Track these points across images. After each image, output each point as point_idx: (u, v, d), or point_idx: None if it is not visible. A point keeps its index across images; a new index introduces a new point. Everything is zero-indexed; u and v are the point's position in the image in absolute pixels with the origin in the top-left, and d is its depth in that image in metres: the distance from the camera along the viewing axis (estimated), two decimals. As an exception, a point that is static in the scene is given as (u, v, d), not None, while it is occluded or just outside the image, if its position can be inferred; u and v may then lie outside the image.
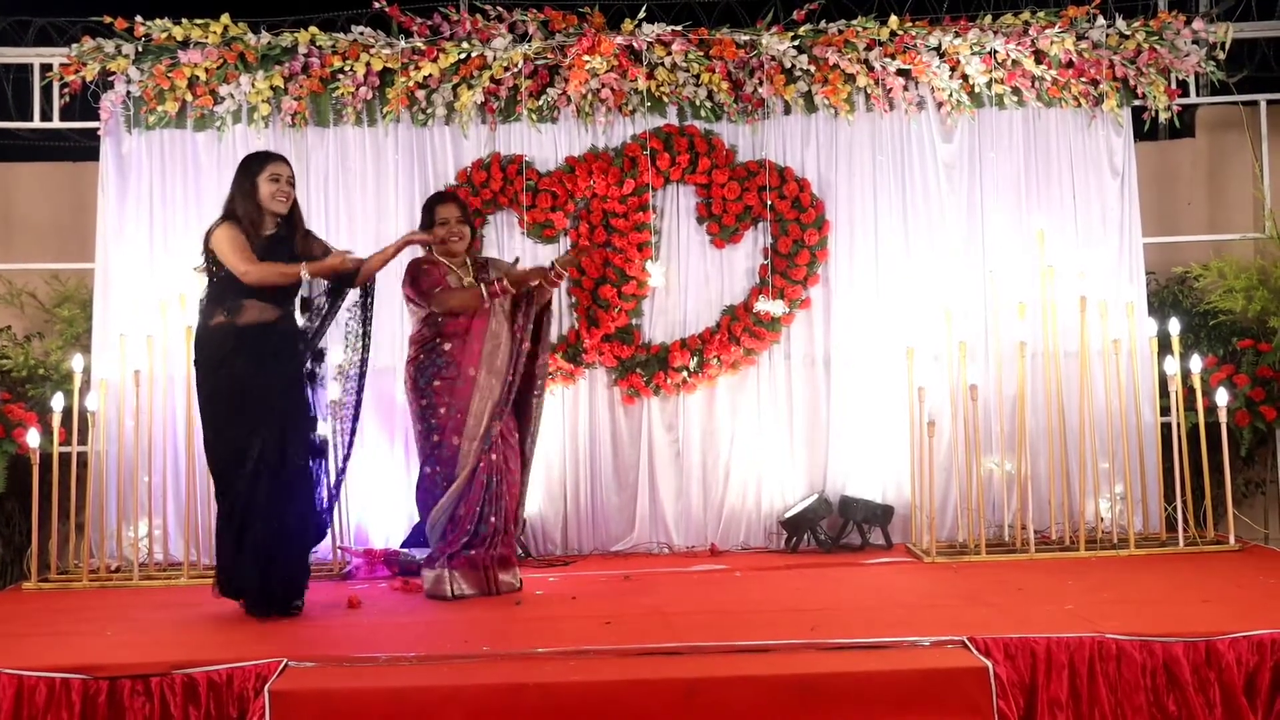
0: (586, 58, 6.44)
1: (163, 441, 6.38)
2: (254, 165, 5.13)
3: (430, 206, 5.70)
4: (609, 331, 6.58)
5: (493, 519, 5.44)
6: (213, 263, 5.06)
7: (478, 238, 6.07)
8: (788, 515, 6.51)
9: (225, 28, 6.53)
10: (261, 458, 4.97)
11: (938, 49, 6.62)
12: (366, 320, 5.43)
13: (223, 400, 5.02)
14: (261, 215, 5.08)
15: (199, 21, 6.53)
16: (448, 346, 5.48)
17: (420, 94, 6.58)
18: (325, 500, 5.36)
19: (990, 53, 6.62)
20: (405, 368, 5.61)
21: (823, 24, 6.66)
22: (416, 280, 5.51)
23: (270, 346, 5.05)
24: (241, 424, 4.99)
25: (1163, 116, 6.78)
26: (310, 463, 5.19)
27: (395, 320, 6.46)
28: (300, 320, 5.17)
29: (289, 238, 5.15)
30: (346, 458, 5.46)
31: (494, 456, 5.45)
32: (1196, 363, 6.33)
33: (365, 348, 5.45)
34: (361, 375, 5.45)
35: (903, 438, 6.41)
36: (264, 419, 4.99)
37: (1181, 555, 6.03)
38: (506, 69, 6.54)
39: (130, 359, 6.29)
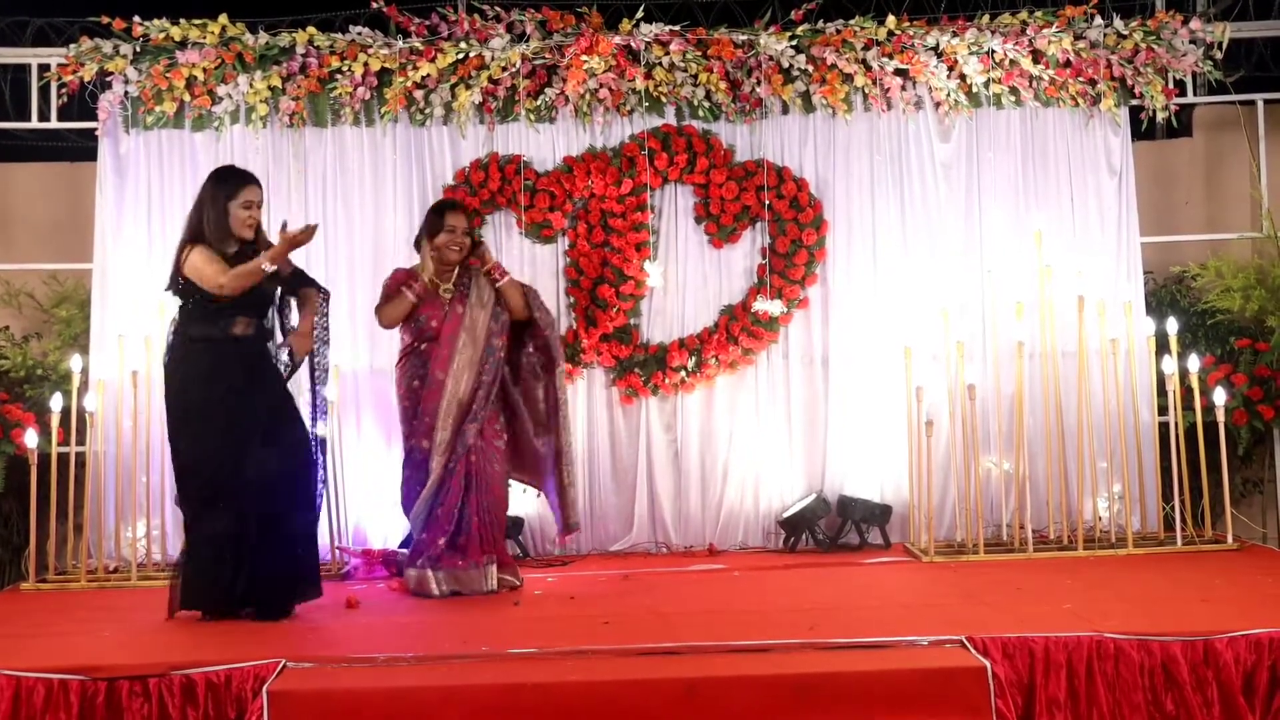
0: (584, 58, 6.44)
1: (160, 442, 6.30)
2: (229, 186, 5.07)
3: (441, 210, 5.72)
4: (607, 331, 6.58)
5: (475, 519, 5.45)
6: (186, 285, 5.02)
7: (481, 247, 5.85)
8: (786, 515, 6.51)
9: (223, 28, 6.53)
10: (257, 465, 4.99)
11: (935, 49, 6.63)
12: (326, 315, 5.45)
13: (209, 416, 5.01)
14: (228, 237, 5.04)
15: (197, 22, 6.53)
16: (424, 347, 5.57)
17: (418, 94, 6.58)
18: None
19: (988, 52, 6.62)
20: (395, 370, 5.73)
21: (820, 24, 6.66)
22: (385, 285, 5.67)
23: (258, 359, 5.10)
24: (230, 437, 4.99)
25: (1160, 116, 6.78)
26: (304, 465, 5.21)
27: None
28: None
29: (250, 257, 5.07)
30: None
31: (473, 459, 5.48)
32: (1194, 362, 6.33)
33: (325, 342, 5.44)
34: (315, 374, 5.42)
35: (901, 437, 6.41)
36: (253, 431, 5.01)
37: (1179, 554, 6.04)
38: (504, 69, 6.54)
39: (128, 359, 6.30)
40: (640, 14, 6.58)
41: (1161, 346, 6.35)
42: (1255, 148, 6.97)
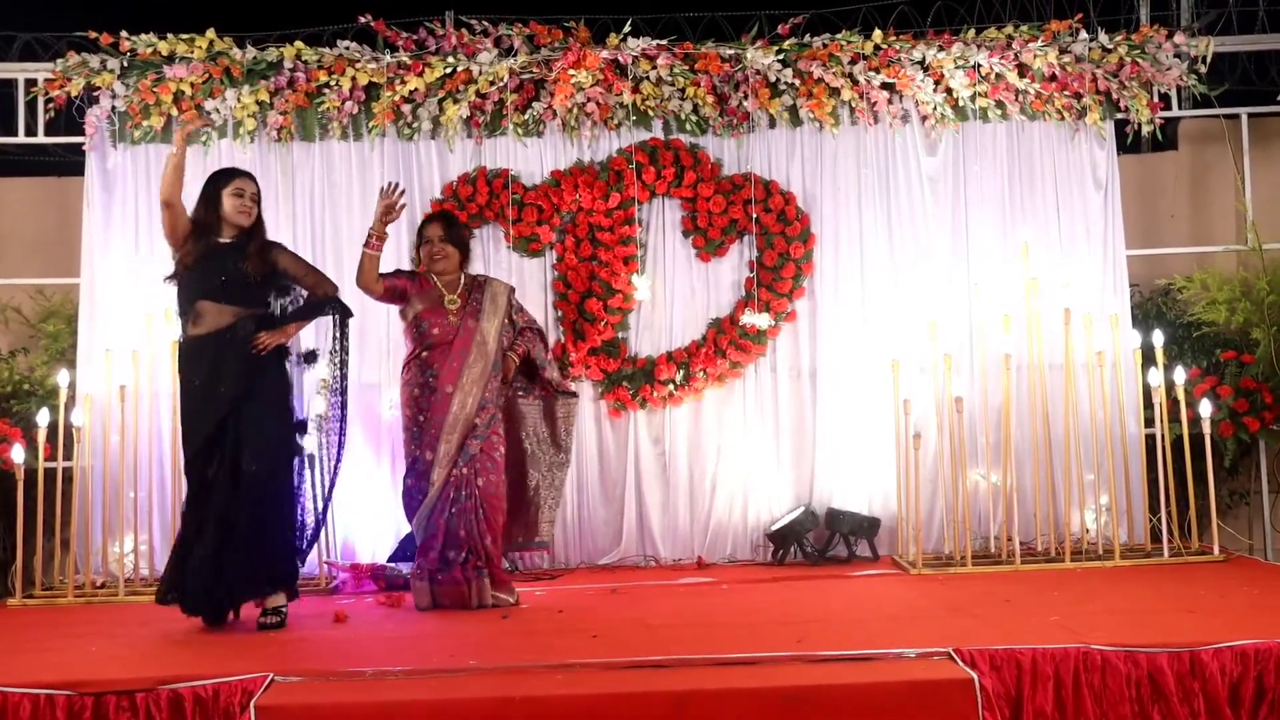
0: (572, 72, 6.45)
1: (148, 456, 6.36)
2: (220, 180, 5.25)
3: (421, 224, 5.86)
4: (595, 345, 6.59)
5: (461, 533, 5.42)
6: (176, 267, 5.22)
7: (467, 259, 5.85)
8: (774, 528, 6.51)
9: (211, 42, 6.54)
10: (220, 466, 5.05)
11: (921, 63, 6.65)
12: (344, 335, 5.52)
13: (184, 410, 5.18)
14: (219, 224, 5.19)
15: (184, 36, 6.54)
16: (425, 355, 5.56)
17: (406, 108, 6.59)
18: (314, 513, 5.41)
19: (974, 66, 6.65)
20: (400, 375, 5.70)
21: (807, 38, 6.69)
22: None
23: (224, 354, 5.10)
24: (197, 434, 5.10)
25: (1145, 129, 6.82)
26: (284, 469, 5.24)
27: (383, 335, 6.47)
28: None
29: (244, 246, 5.19)
30: (336, 470, 5.51)
31: (464, 471, 5.45)
32: (1180, 374, 6.35)
33: (344, 362, 5.51)
34: (344, 390, 5.50)
35: (889, 450, 6.41)
36: (220, 427, 5.06)
37: (1166, 566, 6.05)
38: (492, 83, 6.55)
39: (115, 374, 6.28)
40: (627, 28, 6.60)
41: (1147, 359, 6.38)
42: (1240, 161, 7.01)
